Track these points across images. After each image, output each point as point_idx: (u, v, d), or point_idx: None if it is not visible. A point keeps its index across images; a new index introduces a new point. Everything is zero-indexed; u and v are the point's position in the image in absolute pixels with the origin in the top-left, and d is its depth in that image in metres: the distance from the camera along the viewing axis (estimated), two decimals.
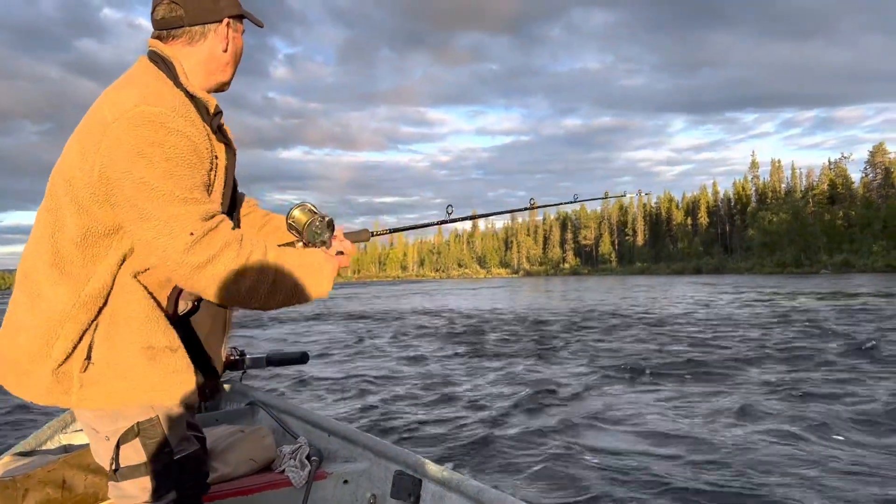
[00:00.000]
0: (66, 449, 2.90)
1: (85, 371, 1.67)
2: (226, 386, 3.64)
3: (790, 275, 79.68)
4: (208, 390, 2.00)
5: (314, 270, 1.81)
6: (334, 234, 1.97)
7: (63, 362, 1.66)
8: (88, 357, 1.67)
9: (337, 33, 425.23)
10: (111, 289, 1.68)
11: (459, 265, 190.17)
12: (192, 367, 1.78)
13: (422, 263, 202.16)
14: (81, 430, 2.82)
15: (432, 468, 2.35)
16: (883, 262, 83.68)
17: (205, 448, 1.97)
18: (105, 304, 1.68)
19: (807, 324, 16.55)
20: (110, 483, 1.78)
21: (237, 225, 2.02)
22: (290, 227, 1.94)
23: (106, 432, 1.74)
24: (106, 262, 1.68)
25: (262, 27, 1.96)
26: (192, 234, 1.60)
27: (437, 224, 2.33)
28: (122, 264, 1.69)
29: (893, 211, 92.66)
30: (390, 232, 2.30)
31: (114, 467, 1.74)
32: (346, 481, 2.62)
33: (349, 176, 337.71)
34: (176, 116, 1.64)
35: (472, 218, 2.72)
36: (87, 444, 2.13)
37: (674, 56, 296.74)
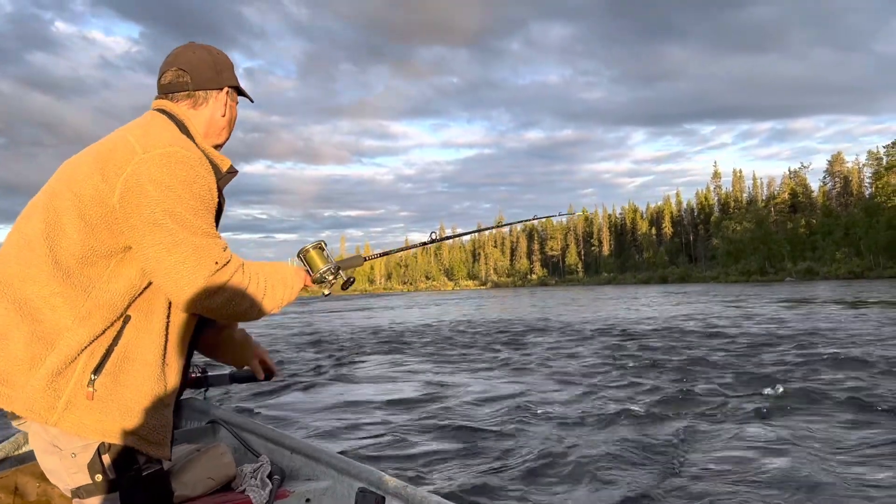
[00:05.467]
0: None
1: (91, 398, 1.70)
2: (186, 404, 3.56)
3: (755, 283, 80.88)
4: None
5: (290, 284, 2.07)
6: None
7: (56, 377, 1.67)
8: (91, 384, 1.70)
9: (297, 47, 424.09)
10: (126, 324, 1.77)
11: (427, 278, 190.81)
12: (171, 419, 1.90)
13: (389, 276, 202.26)
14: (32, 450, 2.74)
15: (395, 485, 2.31)
16: (845, 268, 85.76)
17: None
18: (119, 336, 1.76)
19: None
20: (75, 500, 1.78)
21: None
22: (300, 259, 2.19)
23: (73, 449, 1.74)
24: (113, 288, 1.75)
25: (252, 102, 2.26)
26: (216, 262, 1.78)
27: (424, 244, 2.71)
28: (137, 298, 1.79)
29: (854, 219, 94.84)
30: (381, 255, 2.62)
31: (79, 484, 1.75)
32: (308, 500, 2.56)
33: (313, 190, 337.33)
34: (201, 164, 1.83)
35: (457, 236, 3.17)
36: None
37: (631, 69, 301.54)
